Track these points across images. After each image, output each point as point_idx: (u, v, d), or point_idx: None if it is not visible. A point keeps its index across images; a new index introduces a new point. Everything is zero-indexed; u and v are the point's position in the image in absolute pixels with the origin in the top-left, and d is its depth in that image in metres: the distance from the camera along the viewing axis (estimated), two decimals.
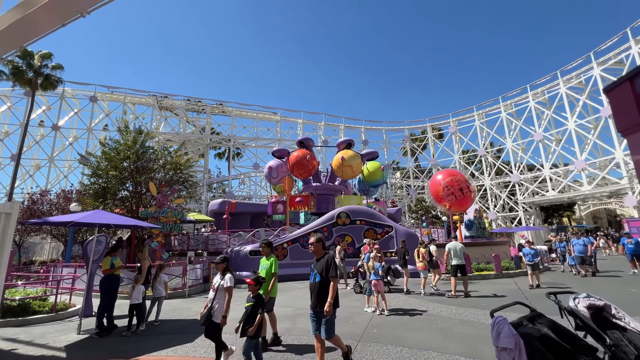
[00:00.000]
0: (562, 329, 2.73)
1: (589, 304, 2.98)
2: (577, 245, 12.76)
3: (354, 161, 19.53)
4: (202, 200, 34.52)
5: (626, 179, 28.50)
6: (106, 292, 6.49)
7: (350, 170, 19.58)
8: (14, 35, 5.06)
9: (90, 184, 15.46)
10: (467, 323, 6.33)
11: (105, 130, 36.64)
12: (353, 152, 20.14)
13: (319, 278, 4.08)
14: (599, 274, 12.98)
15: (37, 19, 4.81)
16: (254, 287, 4.37)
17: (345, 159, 19.41)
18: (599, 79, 30.92)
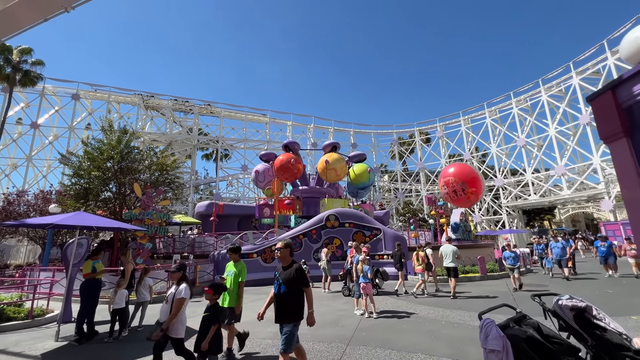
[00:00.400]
0: (547, 330, 2.80)
1: (572, 306, 3.08)
2: (555, 248, 12.92)
3: (338, 164, 19.45)
4: (188, 202, 33.88)
5: (603, 184, 29.70)
6: (87, 297, 6.25)
7: (334, 173, 19.49)
8: None
9: (71, 185, 14.94)
10: (454, 325, 6.42)
11: (87, 130, 35.53)
12: (338, 155, 20.07)
13: (284, 288, 3.70)
14: (577, 276, 13.35)
15: (17, 12, 4.62)
16: (211, 295, 4.04)
17: (329, 162, 19.35)
18: (578, 87, 32.23)
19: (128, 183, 14.91)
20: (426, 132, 49.66)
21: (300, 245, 14.85)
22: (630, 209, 2.01)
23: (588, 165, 31.71)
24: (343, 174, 19.92)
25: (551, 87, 35.74)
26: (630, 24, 27.69)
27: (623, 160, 2.02)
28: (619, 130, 2.00)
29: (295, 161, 19.23)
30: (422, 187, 46.10)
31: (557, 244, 12.94)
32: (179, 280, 4.12)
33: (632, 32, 2.25)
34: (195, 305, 9.39)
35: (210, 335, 3.73)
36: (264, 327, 6.59)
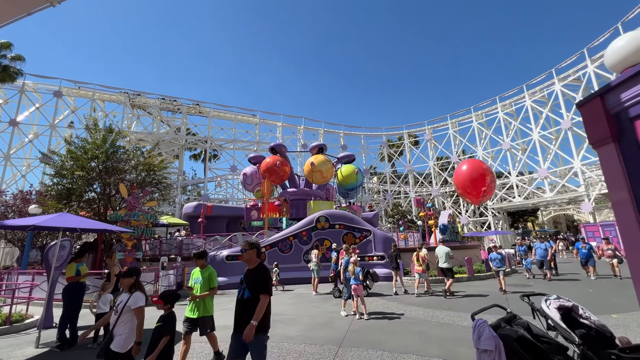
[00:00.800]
0: (536, 329, 2.88)
1: (559, 305, 3.17)
2: (539, 249, 13.02)
3: (324, 166, 19.38)
4: (176, 203, 33.25)
5: (583, 187, 30.80)
6: (70, 301, 6.03)
7: (320, 175, 19.40)
8: None
9: (53, 185, 14.44)
10: (444, 325, 6.50)
11: (70, 128, 34.38)
12: (324, 157, 20.00)
13: (247, 294, 3.25)
14: (559, 276, 13.53)
15: None
16: (162, 306, 3.66)
17: (314, 164, 19.29)
18: (560, 93, 33.38)
19: (113, 183, 14.52)
20: (415, 135, 50.40)
21: (290, 247, 14.78)
22: (617, 211, 2.08)
23: (569, 168, 32.83)
24: (329, 175, 19.85)
25: (535, 92, 36.87)
26: (609, 33, 28.89)
27: (611, 164, 2.09)
28: (607, 135, 2.06)
29: (281, 164, 19.08)
30: (410, 189, 46.69)
31: (540, 245, 13.03)
32: (131, 286, 3.69)
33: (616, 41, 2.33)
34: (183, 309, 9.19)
35: (161, 348, 3.42)
36: None
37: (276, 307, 8.82)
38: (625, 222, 2.04)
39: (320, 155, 20.25)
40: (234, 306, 3.62)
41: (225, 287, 12.88)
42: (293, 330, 6.42)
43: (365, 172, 46.34)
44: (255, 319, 3.07)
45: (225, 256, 13.62)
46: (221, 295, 11.45)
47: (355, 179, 20.08)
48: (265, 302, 3.21)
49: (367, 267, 12.52)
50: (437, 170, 45.52)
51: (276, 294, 11.36)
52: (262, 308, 3.17)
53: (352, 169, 20.20)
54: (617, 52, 2.25)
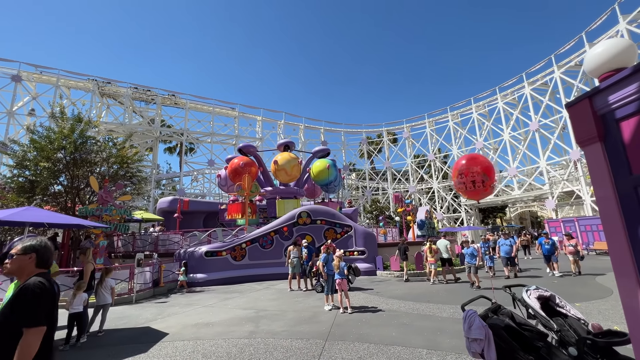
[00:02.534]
0: (519, 318, 3.05)
1: (539, 295, 3.38)
2: (503, 245, 12.21)
3: (288, 164, 18.80)
4: (150, 197, 31.90)
5: (547, 185, 32.87)
6: None
7: (284, 173, 18.89)
8: None
9: (13, 176, 13.36)
10: (425, 317, 6.73)
11: (31, 116, 31.88)
12: (289, 155, 19.34)
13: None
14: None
15: None
16: None
17: (278, 162, 18.84)
18: (529, 96, 35.29)
19: (82, 176, 13.67)
20: (393, 133, 51.39)
21: (271, 243, 14.66)
22: (601, 207, 2.20)
23: (535, 168, 34.91)
24: (295, 173, 19.21)
25: (506, 95, 38.72)
26: (574, 41, 30.80)
27: (596, 163, 2.20)
28: (594, 135, 2.17)
29: (245, 165, 18.28)
30: (388, 185, 47.68)
31: (505, 242, 12.26)
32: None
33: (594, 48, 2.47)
34: (161, 306, 8.90)
35: None
36: (239, 327, 6.43)
37: (259, 303, 8.76)
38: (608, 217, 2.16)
39: (285, 153, 19.60)
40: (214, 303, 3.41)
41: (204, 284, 12.59)
42: (278, 326, 6.39)
43: (344, 168, 46.74)
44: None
45: (204, 252, 13.27)
46: (200, 292, 11.18)
47: (327, 175, 19.27)
48: (28, 345, 1.81)
49: (348, 261, 12.67)
50: (414, 168, 46.77)
51: (258, 290, 11.24)
52: (25, 355, 1.78)
53: (323, 164, 19.42)
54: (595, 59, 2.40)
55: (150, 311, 8.34)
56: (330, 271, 7.94)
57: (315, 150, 22.48)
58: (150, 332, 6.36)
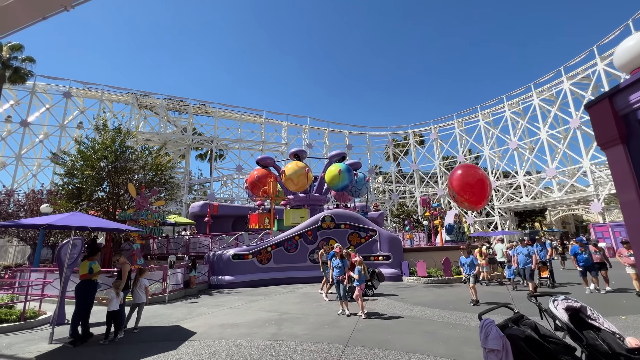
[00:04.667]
0: (544, 330, 2.88)
1: (567, 306, 3.17)
2: (520, 255, 10.25)
3: (294, 174, 18.62)
4: (182, 202, 33.58)
5: (592, 187, 30.35)
6: (83, 298, 6.17)
7: (291, 183, 18.80)
8: None
9: (64, 184, 14.71)
10: (450, 325, 6.50)
11: (79, 128, 34.96)
12: (295, 165, 19.13)
13: None
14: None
15: (15, 11, 4.56)
16: None
17: (285, 172, 18.88)
18: (569, 92, 32.91)
19: (122, 183, 14.73)
20: (420, 134, 50.14)
21: (296, 246, 14.85)
22: (626, 212, 2.09)
23: (578, 168, 32.39)
24: (302, 182, 18.90)
25: (542, 91, 36.42)
26: (619, 30, 28.39)
27: (619, 166, 2.10)
28: (615, 137, 2.07)
29: (259, 177, 18.62)
30: (416, 188, 46.48)
31: (522, 250, 10.29)
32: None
33: (626, 41, 2.32)
34: (191, 307, 9.34)
35: None
36: (262, 329, 6.60)
37: (282, 307, 8.91)
38: (634, 222, 2.05)
39: (293, 163, 19.48)
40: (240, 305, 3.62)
41: (232, 286, 13.02)
42: (299, 329, 6.48)
43: (370, 171, 46.27)
44: None
45: (231, 255, 13.75)
46: (227, 294, 11.58)
47: (339, 179, 18.75)
48: None
49: (373, 266, 12.54)
50: (443, 170, 45.24)
51: (283, 293, 11.44)
52: None
53: (334, 169, 18.98)
54: (627, 52, 2.25)
55: (181, 311, 8.79)
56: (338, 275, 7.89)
57: (331, 155, 22.29)
58: (180, 330, 6.72)
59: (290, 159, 20.76)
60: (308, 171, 18.96)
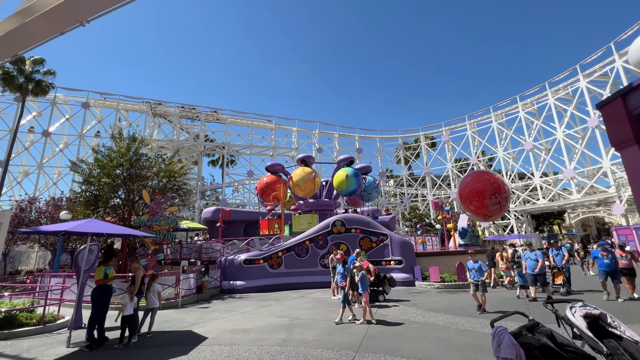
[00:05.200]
0: (561, 338, 2.77)
1: (586, 313, 3.04)
2: (528, 260, 9.74)
3: (301, 180, 18.76)
4: (195, 208, 34.13)
5: (613, 188, 29.18)
6: (98, 303, 6.33)
7: (299, 189, 18.91)
8: (9, 43, 5.02)
9: (82, 192, 15.20)
10: (464, 332, 6.34)
11: (97, 137, 36.20)
12: (302, 171, 19.25)
13: None
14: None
15: (34, 27, 4.79)
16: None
17: (292, 178, 19.00)
18: (585, 90, 31.91)
19: (137, 190, 15.12)
20: (431, 137, 49.54)
21: (306, 251, 14.83)
22: None
23: (598, 168, 31.23)
24: (310, 187, 18.99)
25: (558, 90, 35.46)
26: (638, 25, 27.44)
27: (634, 166, 2.03)
28: (629, 137, 2.00)
29: (268, 184, 18.82)
30: (428, 191, 45.82)
31: (530, 255, 9.78)
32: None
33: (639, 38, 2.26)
34: (203, 312, 9.43)
35: None
36: (273, 334, 6.59)
37: (293, 312, 8.89)
38: None
39: (300, 169, 19.60)
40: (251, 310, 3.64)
41: (243, 291, 13.08)
42: (310, 335, 6.44)
43: (381, 175, 45.94)
44: None
45: (243, 260, 13.85)
46: (239, 299, 11.65)
47: (347, 184, 18.70)
48: None
49: (385, 271, 12.38)
50: (455, 172, 44.49)
51: (294, 298, 11.42)
52: None
53: (342, 174, 18.97)
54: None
55: (193, 316, 8.88)
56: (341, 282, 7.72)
57: (339, 160, 22.24)
58: (191, 335, 6.79)
59: (298, 164, 20.86)
60: (315, 176, 18.99)
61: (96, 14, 4.52)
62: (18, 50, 5.70)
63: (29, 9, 4.74)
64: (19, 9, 4.98)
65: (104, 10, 4.46)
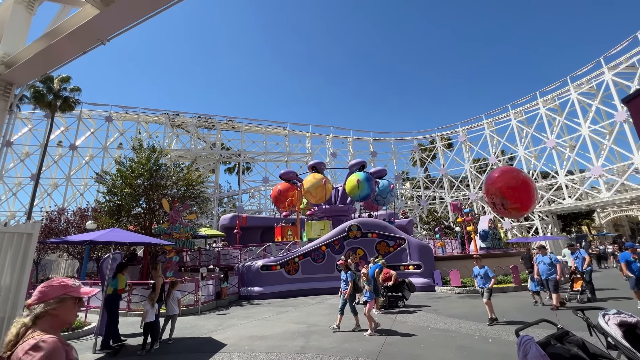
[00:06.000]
0: (594, 348, 2.60)
1: (620, 321, 2.85)
2: (541, 264, 9.20)
3: (312, 187, 18.70)
4: (213, 215, 34.80)
5: None
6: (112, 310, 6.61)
7: (310, 195, 18.88)
8: (39, 63, 5.34)
9: (106, 202, 15.82)
10: (488, 340, 6.08)
11: (119, 149, 37.73)
12: (313, 177, 19.21)
13: None
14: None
15: (60, 48, 5.07)
16: None
17: (303, 186, 18.99)
18: (611, 83, 30.41)
19: (157, 199, 15.59)
20: (448, 137, 48.46)
21: (323, 257, 14.77)
22: None
23: (628, 165, 29.55)
24: (320, 194, 18.87)
25: (581, 84, 33.96)
26: None
27: None
28: None
29: (281, 191, 19.12)
30: (446, 193, 44.75)
31: (543, 259, 9.20)
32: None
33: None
34: (222, 318, 9.53)
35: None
36: (291, 341, 6.56)
37: (311, 318, 8.83)
38: None
39: (310, 176, 19.55)
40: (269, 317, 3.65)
41: (261, 297, 13.15)
42: (327, 342, 6.37)
43: (396, 177, 45.31)
44: None
45: (260, 266, 13.94)
46: (257, 305, 11.70)
47: (359, 189, 18.36)
48: None
49: (403, 276, 12.13)
50: (474, 173, 43.26)
51: (311, 304, 11.36)
52: None
53: (353, 179, 18.71)
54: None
55: (213, 322, 8.99)
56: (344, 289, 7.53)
57: (350, 165, 22.05)
58: (211, 342, 6.86)
59: (309, 171, 20.95)
60: (325, 183, 18.98)
61: (115, 33, 4.74)
62: (47, 70, 6.06)
63: (54, 31, 5.03)
64: (46, 31, 5.31)
65: (123, 29, 4.67)
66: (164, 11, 4.61)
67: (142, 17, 4.58)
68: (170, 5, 4.48)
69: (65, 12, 5.56)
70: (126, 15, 4.47)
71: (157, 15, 4.72)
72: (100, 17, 4.31)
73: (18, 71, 5.53)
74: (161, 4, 4.43)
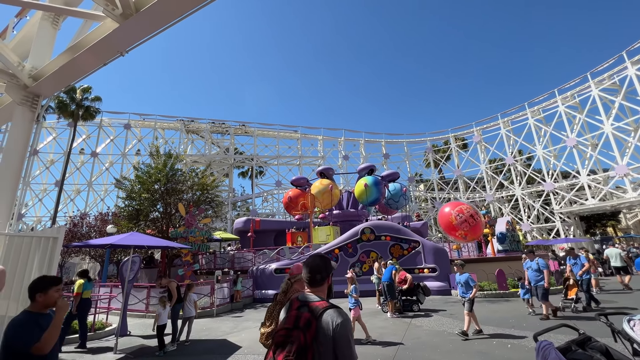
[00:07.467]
0: (618, 354, 2.50)
1: None
2: (529, 270, 8.60)
3: (319, 194, 18.75)
4: (227, 218, 35.33)
5: None
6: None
7: (317, 202, 18.88)
8: (63, 76, 5.64)
9: (125, 207, 16.35)
10: (507, 345, 5.91)
11: (137, 155, 38.94)
12: (320, 183, 19.27)
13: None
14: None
15: (83, 61, 5.34)
16: None
17: (310, 191, 18.94)
18: (635, 78, 29.14)
19: (173, 203, 15.99)
20: (462, 138, 47.52)
21: (336, 260, 14.72)
22: None
23: None
24: (327, 200, 18.95)
25: (602, 80, 32.68)
26: None
27: None
28: None
29: (292, 198, 19.39)
30: (461, 195, 43.83)
31: (531, 264, 8.58)
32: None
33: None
34: (237, 320, 9.65)
35: None
36: None
37: None
38: None
39: (317, 182, 19.64)
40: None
41: None
42: None
43: (410, 179, 44.74)
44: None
45: (273, 269, 14.04)
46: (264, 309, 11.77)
47: (367, 193, 18.29)
48: None
49: (418, 280, 11.95)
50: (490, 174, 42.21)
51: None
52: None
53: (361, 184, 18.66)
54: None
55: (228, 325, 9.12)
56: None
57: (359, 169, 21.90)
58: (226, 344, 6.96)
59: (318, 177, 21.03)
60: (332, 188, 19.01)
61: (134, 45, 4.94)
62: (70, 81, 6.37)
63: (77, 45, 5.30)
64: (69, 45, 5.59)
65: (140, 41, 4.87)
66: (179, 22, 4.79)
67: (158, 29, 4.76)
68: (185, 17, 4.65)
69: (87, 26, 5.85)
70: (144, 27, 4.67)
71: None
72: (120, 30, 4.52)
73: (44, 84, 5.85)
74: (176, 16, 4.60)
